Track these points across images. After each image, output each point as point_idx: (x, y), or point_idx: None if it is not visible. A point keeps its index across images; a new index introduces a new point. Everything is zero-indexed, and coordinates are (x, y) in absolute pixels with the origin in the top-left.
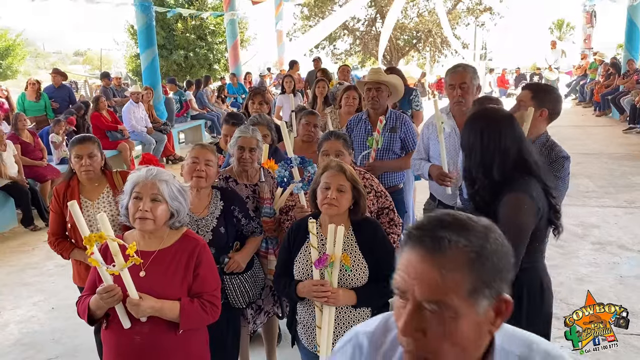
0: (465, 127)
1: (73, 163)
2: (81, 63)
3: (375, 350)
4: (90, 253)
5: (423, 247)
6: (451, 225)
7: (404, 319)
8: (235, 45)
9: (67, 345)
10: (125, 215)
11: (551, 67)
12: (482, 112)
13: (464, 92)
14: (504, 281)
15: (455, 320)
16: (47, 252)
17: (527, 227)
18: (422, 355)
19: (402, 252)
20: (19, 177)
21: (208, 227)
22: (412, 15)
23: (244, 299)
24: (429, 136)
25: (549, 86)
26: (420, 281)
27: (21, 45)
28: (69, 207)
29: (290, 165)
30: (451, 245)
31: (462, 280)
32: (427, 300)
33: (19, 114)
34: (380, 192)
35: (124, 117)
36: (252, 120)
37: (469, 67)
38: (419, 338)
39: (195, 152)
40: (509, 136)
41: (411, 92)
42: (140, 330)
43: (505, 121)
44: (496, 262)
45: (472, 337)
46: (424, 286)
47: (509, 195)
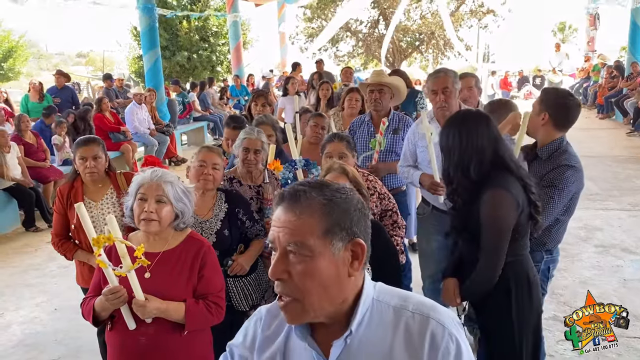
0: (443, 128)
1: (77, 165)
2: (84, 64)
3: (273, 318)
4: (98, 254)
5: (285, 201)
6: (310, 184)
7: (272, 264)
8: (238, 47)
9: (69, 346)
10: (130, 217)
11: (555, 69)
12: (459, 113)
13: (446, 96)
14: (356, 227)
15: (313, 258)
16: (50, 253)
17: (508, 221)
18: (290, 294)
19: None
20: (23, 178)
21: (212, 230)
22: (415, 17)
23: (248, 301)
24: (415, 143)
25: (561, 91)
26: (283, 228)
27: (24, 47)
28: (76, 208)
29: (294, 168)
30: (307, 195)
31: (316, 223)
32: (289, 242)
33: (22, 115)
34: (383, 194)
35: (127, 118)
36: (258, 120)
37: (449, 72)
38: (285, 279)
39: (203, 156)
40: (485, 136)
41: (417, 93)
42: (145, 331)
43: (481, 121)
44: (345, 207)
45: (332, 275)
46: (286, 231)
47: (488, 191)
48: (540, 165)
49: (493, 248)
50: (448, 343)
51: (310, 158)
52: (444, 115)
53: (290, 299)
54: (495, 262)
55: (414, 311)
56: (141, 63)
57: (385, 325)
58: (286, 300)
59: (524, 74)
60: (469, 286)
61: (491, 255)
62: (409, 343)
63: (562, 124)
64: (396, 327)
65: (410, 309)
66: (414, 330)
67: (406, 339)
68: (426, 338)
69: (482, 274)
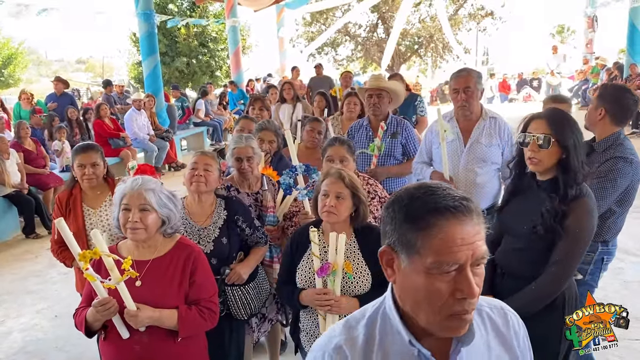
0: (566, 127)
1: (76, 171)
2: (83, 70)
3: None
4: (86, 268)
5: (467, 215)
6: (456, 192)
7: (473, 283)
8: (237, 52)
9: (70, 353)
10: (117, 227)
11: (553, 71)
12: (563, 113)
13: (468, 96)
14: None
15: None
16: (50, 260)
17: (592, 234)
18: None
19: (434, 231)
20: (20, 184)
21: (209, 238)
22: (413, 21)
23: (246, 310)
24: (432, 140)
25: (618, 87)
26: (475, 243)
27: (23, 54)
28: (56, 224)
29: (295, 173)
30: (474, 204)
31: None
32: (484, 254)
33: (22, 122)
34: (384, 198)
35: (126, 124)
36: (260, 125)
37: (473, 72)
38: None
39: (194, 159)
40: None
41: (415, 97)
42: (139, 339)
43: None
44: None
45: None
46: (480, 243)
47: (581, 199)
48: (596, 157)
49: (572, 259)
50: (522, 327)
51: (308, 162)
52: (464, 115)
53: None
54: (568, 275)
55: (489, 306)
56: (140, 69)
57: (477, 325)
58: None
59: (523, 77)
60: (525, 298)
61: (568, 267)
62: (499, 336)
63: (618, 119)
64: (484, 324)
65: (485, 304)
66: (499, 323)
67: (496, 332)
68: (510, 327)
69: (550, 285)
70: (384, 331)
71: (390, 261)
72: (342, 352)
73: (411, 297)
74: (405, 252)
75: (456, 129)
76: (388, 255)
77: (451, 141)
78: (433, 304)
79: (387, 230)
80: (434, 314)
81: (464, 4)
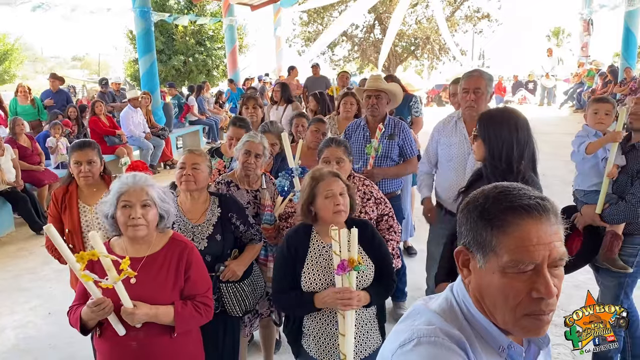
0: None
1: (72, 168)
2: (79, 68)
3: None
4: (82, 270)
5: (543, 214)
6: (533, 192)
7: (550, 282)
8: (234, 51)
9: (64, 351)
10: (112, 225)
11: (548, 74)
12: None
13: (477, 97)
14: None
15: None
16: (44, 257)
17: None
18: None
19: (510, 229)
20: (15, 181)
21: (203, 235)
22: (410, 22)
23: (241, 307)
24: (437, 140)
25: None
26: (552, 242)
27: (19, 50)
28: (45, 230)
29: (291, 175)
30: (550, 203)
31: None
32: (562, 255)
33: (17, 118)
34: (380, 198)
35: (122, 122)
36: (264, 127)
37: (485, 74)
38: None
39: (183, 158)
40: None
41: (411, 98)
42: (135, 336)
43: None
44: None
45: None
46: (559, 244)
47: None
48: (637, 155)
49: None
50: None
51: (309, 162)
52: (471, 116)
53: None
54: None
55: None
56: (137, 66)
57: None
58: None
59: (519, 79)
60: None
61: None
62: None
63: None
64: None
65: None
66: None
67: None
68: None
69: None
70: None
71: (466, 261)
72: (455, 335)
73: (488, 297)
74: (481, 252)
75: (463, 130)
76: (464, 256)
77: (458, 143)
78: (509, 303)
79: (462, 231)
80: (509, 313)
81: (461, 5)
